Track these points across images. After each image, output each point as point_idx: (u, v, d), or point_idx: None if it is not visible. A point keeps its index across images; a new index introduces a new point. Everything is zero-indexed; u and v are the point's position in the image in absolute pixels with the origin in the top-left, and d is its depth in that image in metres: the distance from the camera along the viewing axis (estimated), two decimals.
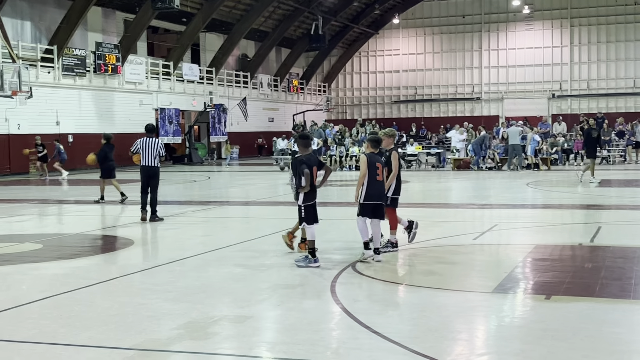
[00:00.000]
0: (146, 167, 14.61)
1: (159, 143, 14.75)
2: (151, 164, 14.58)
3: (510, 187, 21.99)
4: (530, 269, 9.45)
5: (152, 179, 14.66)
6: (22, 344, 6.23)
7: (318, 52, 54.26)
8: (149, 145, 14.54)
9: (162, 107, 39.16)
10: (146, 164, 14.58)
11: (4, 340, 6.34)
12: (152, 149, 14.53)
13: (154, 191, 14.73)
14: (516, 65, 53.07)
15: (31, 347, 6.14)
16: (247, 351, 6.03)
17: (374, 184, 9.93)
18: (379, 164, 10.00)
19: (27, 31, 32.84)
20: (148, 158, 14.54)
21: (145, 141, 14.62)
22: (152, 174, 14.65)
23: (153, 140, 14.66)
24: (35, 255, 11.01)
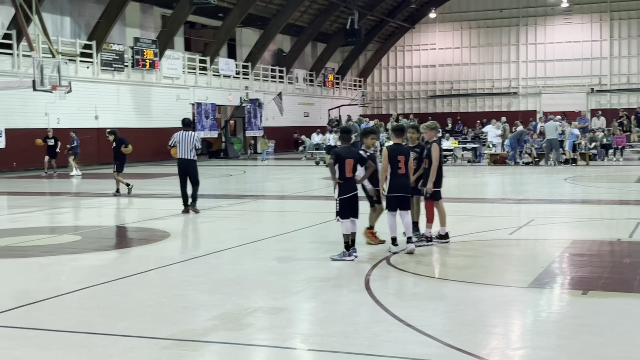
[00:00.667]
0: (182, 160, 14.89)
1: (194, 136, 15.02)
2: (187, 156, 14.86)
3: (548, 183, 21.76)
4: (567, 264, 9.35)
5: (188, 172, 14.90)
6: (61, 333, 6.34)
7: (354, 46, 54.12)
8: (185, 138, 14.82)
9: (198, 102, 39.41)
10: (182, 157, 14.86)
11: (44, 329, 6.45)
12: (188, 142, 14.79)
13: (194, 184, 15.00)
14: (554, 59, 52.43)
15: (69, 336, 6.24)
16: (281, 342, 6.07)
17: (395, 176, 9.89)
18: (400, 157, 9.90)
19: (67, 27, 33.27)
20: (184, 151, 14.82)
21: (181, 135, 14.89)
22: (188, 167, 14.91)
23: (189, 134, 14.94)
24: (74, 246, 11.17)
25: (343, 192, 9.72)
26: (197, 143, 14.99)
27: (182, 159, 14.88)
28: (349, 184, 9.75)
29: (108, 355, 5.70)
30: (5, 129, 29.05)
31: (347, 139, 10.10)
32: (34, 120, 30.24)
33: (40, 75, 26.48)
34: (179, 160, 14.95)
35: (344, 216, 9.70)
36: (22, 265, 9.74)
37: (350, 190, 9.75)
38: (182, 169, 14.94)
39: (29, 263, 9.90)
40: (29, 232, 12.64)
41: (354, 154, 9.86)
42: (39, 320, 6.82)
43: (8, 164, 29.23)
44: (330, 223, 13.36)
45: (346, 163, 9.69)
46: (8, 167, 29.19)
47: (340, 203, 9.73)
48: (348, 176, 9.73)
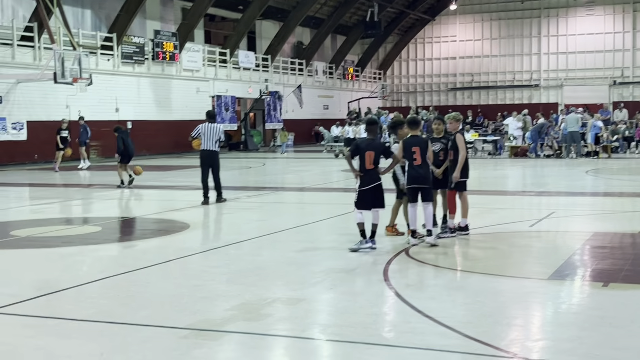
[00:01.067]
0: (206, 152, 15.07)
1: (219, 128, 15.20)
2: (211, 148, 15.04)
3: (569, 175, 21.60)
4: (588, 256, 9.28)
5: (211, 163, 15.05)
6: (81, 322, 6.38)
7: (373, 39, 53.96)
8: (210, 130, 14.99)
9: (218, 95, 39.48)
10: (206, 148, 15.03)
11: (64, 318, 6.50)
12: (213, 134, 14.96)
13: (216, 175, 15.14)
14: (576, 51, 51.97)
15: (89, 325, 6.29)
16: (299, 333, 6.07)
17: (412, 167, 9.89)
18: (415, 148, 9.89)
19: (88, 19, 33.44)
20: (208, 143, 14.99)
21: (206, 126, 15.05)
22: (211, 158, 15.09)
23: (213, 126, 15.14)
24: (94, 237, 11.25)
25: (363, 183, 9.73)
26: (221, 135, 15.18)
27: (206, 151, 15.06)
28: (369, 176, 9.72)
29: (127, 344, 5.73)
30: (27, 121, 29.28)
31: (373, 131, 10.09)
32: (55, 113, 30.43)
33: (61, 67, 26.65)
34: (203, 152, 15.12)
35: (359, 206, 9.74)
36: (43, 256, 9.82)
37: (370, 182, 9.73)
38: (206, 160, 15.12)
39: (50, 253, 9.98)
40: (50, 223, 12.74)
41: (375, 146, 9.83)
42: (59, 309, 6.87)
43: (29, 156, 29.47)
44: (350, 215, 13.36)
45: (366, 155, 9.68)
46: (29, 159, 29.43)
47: (358, 194, 9.75)
48: (368, 168, 9.70)
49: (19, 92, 28.87)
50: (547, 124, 30.32)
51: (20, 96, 28.92)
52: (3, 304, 7.00)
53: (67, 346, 5.70)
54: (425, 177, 9.96)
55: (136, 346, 5.66)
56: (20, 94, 28.91)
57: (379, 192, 9.83)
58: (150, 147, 34.49)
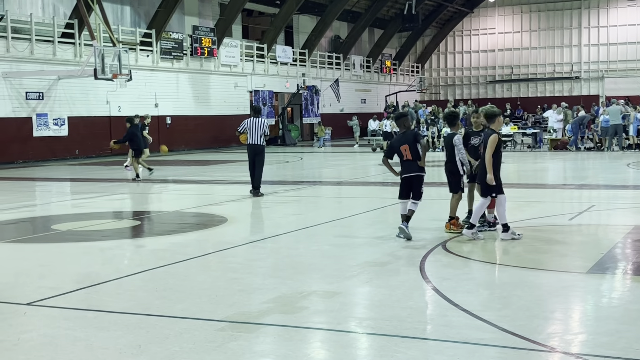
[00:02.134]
0: (252, 146, 15.53)
1: (264, 123, 15.64)
2: (257, 142, 15.48)
3: (610, 168, 21.29)
4: (629, 249, 9.14)
5: (257, 157, 15.54)
6: (119, 314, 6.46)
7: (411, 32, 53.72)
8: (255, 124, 15.42)
9: (256, 89, 39.66)
10: (252, 143, 15.48)
11: (103, 310, 6.59)
12: (258, 129, 15.40)
13: (259, 168, 15.61)
14: (617, 42, 51.17)
15: (127, 317, 6.36)
16: (335, 325, 6.08)
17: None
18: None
19: (127, 16, 33.81)
20: (254, 137, 15.43)
21: (252, 121, 15.52)
22: (257, 152, 15.54)
23: (259, 120, 15.55)
24: (133, 231, 11.38)
25: (401, 173, 10.08)
26: (266, 129, 15.57)
27: (252, 145, 15.48)
28: (407, 166, 9.99)
29: (164, 336, 5.79)
30: (68, 117, 29.72)
31: (403, 123, 10.18)
32: (96, 109, 30.88)
33: (101, 63, 27.00)
34: (249, 146, 15.54)
35: (400, 196, 10.09)
36: (83, 249, 9.96)
37: (406, 172, 9.99)
38: (252, 154, 15.55)
39: (90, 247, 10.12)
40: (91, 217, 12.92)
41: (407, 138, 9.99)
42: (98, 302, 6.97)
43: (71, 152, 29.92)
44: (386, 208, 13.36)
45: (401, 150, 9.94)
46: (71, 155, 29.88)
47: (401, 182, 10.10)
48: (408, 159, 9.96)
49: (60, 88, 29.32)
50: (588, 116, 29.89)
51: (61, 92, 29.37)
52: (44, 296, 7.12)
53: (105, 338, 5.78)
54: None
55: (173, 338, 5.72)
56: (61, 90, 29.36)
57: (417, 182, 9.95)
58: (189, 142, 34.81)
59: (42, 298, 7.06)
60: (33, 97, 28.40)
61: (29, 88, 28.27)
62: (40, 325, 6.22)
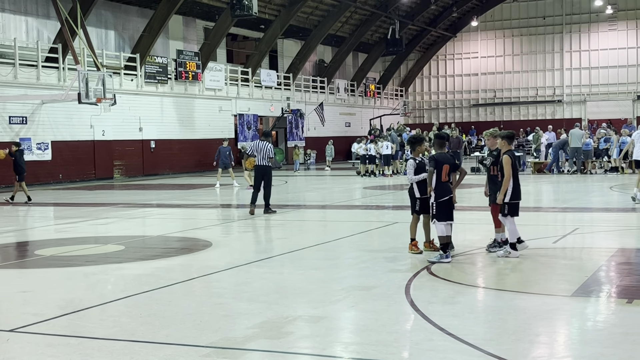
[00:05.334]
0: (259, 167, 16.49)
1: (268, 146, 16.56)
2: (262, 163, 16.46)
3: (593, 191, 21.43)
4: (613, 272, 9.19)
5: (264, 177, 16.51)
6: (103, 340, 6.41)
7: (395, 56, 54.09)
8: (261, 147, 16.43)
9: (240, 113, 39.72)
10: (259, 164, 16.47)
11: (87, 337, 6.53)
12: (263, 151, 16.39)
13: (267, 187, 16.55)
14: (599, 66, 51.74)
15: (111, 344, 6.31)
16: (320, 351, 6.06)
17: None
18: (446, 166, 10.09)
19: (111, 40, 33.85)
20: (260, 159, 16.42)
21: (258, 144, 16.58)
22: (264, 173, 16.52)
23: (264, 144, 16.56)
24: (117, 256, 11.32)
25: (439, 195, 9.95)
26: (270, 152, 16.47)
27: (260, 166, 16.47)
28: (445, 188, 10.00)
29: None
30: (52, 141, 29.61)
31: (442, 145, 10.33)
32: (80, 133, 30.80)
33: (85, 88, 26.99)
34: (257, 167, 16.52)
35: (441, 219, 9.91)
36: (66, 275, 9.89)
37: (447, 194, 10.00)
38: (260, 175, 16.51)
39: (73, 272, 10.05)
40: (74, 242, 12.84)
41: (449, 160, 10.13)
42: (82, 328, 6.91)
43: (54, 176, 29.78)
44: (372, 232, 13.37)
45: (443, 168, 9.97)
46: (54, 179, 29.73)
47: (437, 206, 9.94)
48: (444, 180, 9.99)
49: (44, 112, 29.24)
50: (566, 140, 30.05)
51: (44, 117, 29.28)
52: (27, 323, 7.06)
53: None
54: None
55: None
56: (45, 115, 29.27)
57: (452, 204, 10.15)
58: (173, 166, 34.76)
59: (25, 324, 7.00)
60: (16, 121, 28.30)
61: (13, 112, 28.17)
62: (23, 352, 6.16)
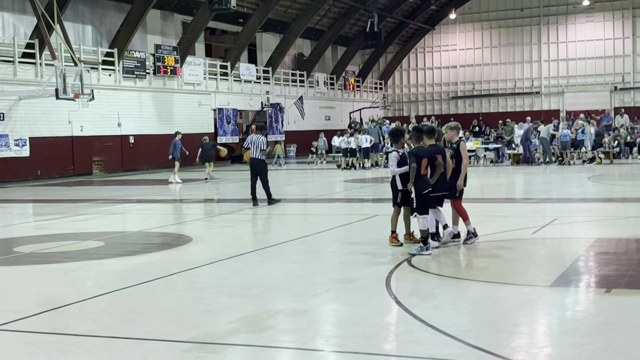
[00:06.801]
0: (253, 160, 16.80)
1: (261, 139, 16.86)
2: (257, 156, 16.73)
3: (571, 182, 21.60)
4: (591, 262, 9.28)
5: (257, 170, 16.72)
6: (83, 337, 6.38)
7: (374, 49, 54.10)
8: (254, 141, 16.72)
9: (220, 108, 39.59)
10: (253, 157, 16.78)
11: (66, 334, 6.50)
12: (256, 144, 16.69)
13: (263, 181, 16.80)
14: (577, 58, 52.04)
15: (91, 340, 6.28)
16: (302, 344, 6.07)
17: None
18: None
19: (89, 35, 33.58)
20: (254, 152, 16.73)
21: (252, 138, 16.87)
22: (256, 165, 16.74)
23: (258, 137, 16.87)
24: (97, 252, 11.26)
25: (419, 189, 9.94)
26: (262, 145, 16.74)
27: (253, 159, 16.77)
28: (424, 181, 9.98)
29: (129, 358, 5.73)
30: (30, 138, 29.35)
31: (419, 138, 10.29)
32: (58, 129, 30.56)
33: (62, 83, 26.75)
34: (251, 160, 16.82)
35: (422, 212, 9.90)
36: (46, 272, 9.83)
37: (427, 187, 9.99)
38: (253, 168, 16.76)
39: (53, 269, 9.98)
40: (53, 239, 12.75)
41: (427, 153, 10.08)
42: (61, 325, 6.88)
43: (33, 172, 29.52)
44: (353, 225, 13.40)
45: (422, 162, 9.95)
46: (33, 176, 29.48)
47: (417, 199, 9.94)
48: (423, 174, 9.98)
49: (21, 108, 28.97)
50: (531, 128, 30.28)
51: (22, 113, 29.01)
52: (6, 320, 7.00)
53: None
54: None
55: None
56: (22, 111, 29.00)
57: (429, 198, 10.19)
58: (153, 161, 34.58)
59: (4, 322, 6.94)
60: None
61: None
62: (2, 350, 6.12)
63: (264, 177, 16.84)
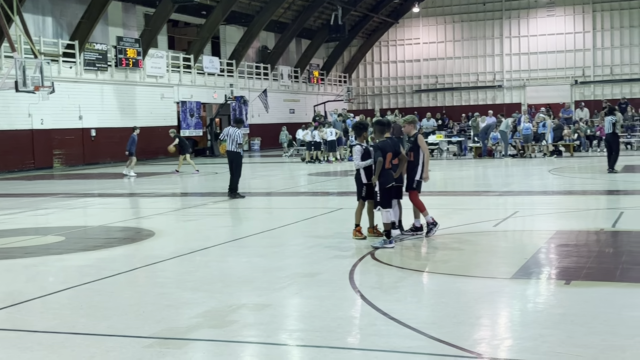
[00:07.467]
0: (229, 152, 17.12)
1: (237, 132, 17.06)
2: (232, 149, 17.00)
3: (532, 174, 21.84)
4: (551, 254, 9.39)
5: (233, 162, 16.99)
6: (43, 333, 6.30)
7: (338, 42, 54.11)
8: (230, 133, 16.97)
9: (183, 100, 39.30)
10: (229, 149, 17.08)
11: (26, 330, 6.41)
12: (232, 137, 16.92)
13: (234, 173, 16.99)
14: (538, 52, 52.58)
15: (51, 336, 6.21)
16: (265, 339, 6.06)
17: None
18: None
19: (49, 27, 33.07)
20: (230, 144, 16.98)
21: (228, 130, 17.17)
22: (232, 158, 17.03)
23: (234, 130, 17.10)
24: (58, 247, 11.12)
25: (383, 182, 9.95)
26: (238, 138, 16.94)
27: (229, 151, 17.05)
28: (388, 175, 10.01)
29: (90, 354, 5.67)
30: None
31: (383, 131, 10.30)
32: (18, 122, 30.10)
33: (22, 76, 26.32)
34: (228, 153, 17.13)
35: (386, 205, 9.92)
36: (5, 267, 9.68)
37: (391, 180, 10.02)
38: (230, 160, 17.12)
39: (12, 264, 9.84)
40: (13, 234, 12.57)
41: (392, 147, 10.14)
42: (21, 321, 6.78)
43: None
44: (317, 218, 13.41)
45: (387, 156, 9.97)
46: None
47: (381, 193, 9.95)
48: (387, 167, 10.00)
49: None
50: (493, 124, 30.60)
51: None
52: None
53: (28, 359, 5.62)
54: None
55: (99, 357, 5.60)
56: None
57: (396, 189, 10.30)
58: (115, 155, 34.18)
59: None
60: None
61: None
62: None
63: (236, 169, 17.01)
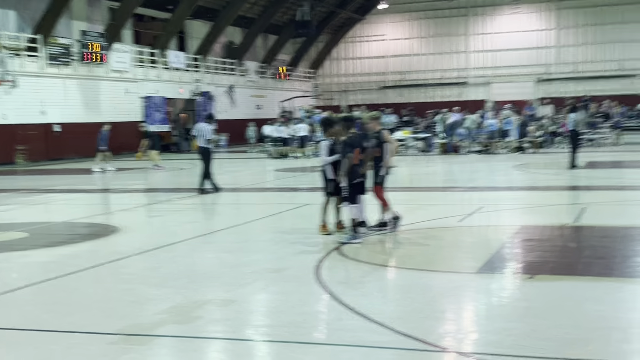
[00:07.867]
0: (199, 148, 17.29)
1: (207, 127, 17.32)
2: (201, 145, 17.19)
3: (497, 170, 22.03)
4: (515, 249, 9.49)
5: (202, 158, 17.07)
6: (5, 330, 6.21)
7: (305, 38, 54.04)
8: (200, 129, 17.28)
9: (148, 96, 38.96)
10: (199, 145, 17.27)
11: None
12: (201, 132, 17.19)
13: (205, 168, 17.03)
14: (502, 49, 53.04)
15: (13, 333, 6.12)
16: (231, 334, 6.04)
17: None
18: None
19: (11, 20, 32.54)
20: (199, 140, 17.24)
21: (198, 126, 17.55)
22: (202, 153, 17.16)
23: (204, 125, 17.42)
24: (21, 243, 10.97)
25: (350, 178, 9.96)
26: (206, 134, 17.10)
27: (200, 147, 17.23)
28: (355, 171, 10.02)
29: (51, 351, 5.60)
30: None
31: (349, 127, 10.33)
32: None
33: None
34: (198, 149, 17.36)
35: (352, 201, 9.95)
36: None
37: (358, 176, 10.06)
38: (199, 156, 17.27)
39: None
40: None
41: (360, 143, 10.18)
42: None
43: None
44: (284, 214, 13.39)
45: (354, 152, 9.98)
46: None
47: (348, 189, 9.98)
48: (355, 163, 10.00)
49: None
50: (459, 121, 30.83)
51: None
52: None
53: None
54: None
55: (60, 354, 5.54)
56: None
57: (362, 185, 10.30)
58: (79, 150, 33.78)
59: None
60: None
61: None
62: None
63: (205, 165, 17.04)
